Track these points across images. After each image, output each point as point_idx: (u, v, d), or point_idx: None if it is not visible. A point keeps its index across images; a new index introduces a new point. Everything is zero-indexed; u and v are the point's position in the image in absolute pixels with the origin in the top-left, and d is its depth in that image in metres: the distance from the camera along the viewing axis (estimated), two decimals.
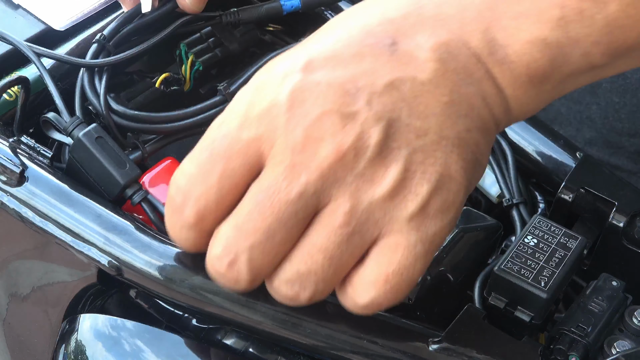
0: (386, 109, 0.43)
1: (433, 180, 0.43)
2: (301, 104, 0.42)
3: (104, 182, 0.55)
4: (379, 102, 0.43)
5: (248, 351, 0.53)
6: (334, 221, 0.43)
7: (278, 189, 0.42)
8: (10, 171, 0.56)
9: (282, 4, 0.68)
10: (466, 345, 0.49)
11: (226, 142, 0.43)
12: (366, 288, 0.44)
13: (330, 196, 0.43)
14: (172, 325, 0.55)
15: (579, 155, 0.67)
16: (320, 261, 0.43)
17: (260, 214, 0.43)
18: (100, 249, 0.53)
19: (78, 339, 0.56)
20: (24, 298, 0.62)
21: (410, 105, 0.43)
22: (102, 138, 0.56)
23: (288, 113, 0.42)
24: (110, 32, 0.63)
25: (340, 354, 0.50)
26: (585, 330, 0.53)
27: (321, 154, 0.42)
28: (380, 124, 0.42)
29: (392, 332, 0.50)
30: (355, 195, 0.42)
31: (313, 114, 0.42)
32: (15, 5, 0.69)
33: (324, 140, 0.42)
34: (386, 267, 0.43)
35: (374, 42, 0.44)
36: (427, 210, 0.43)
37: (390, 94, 0.43)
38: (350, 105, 0.42)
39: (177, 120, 0.61)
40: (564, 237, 0.56)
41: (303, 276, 0.44)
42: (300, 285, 0.44)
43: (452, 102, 0.44)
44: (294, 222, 0.43)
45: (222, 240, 0.44)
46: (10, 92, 0.62)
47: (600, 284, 0.56)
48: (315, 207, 0.43)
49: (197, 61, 0.68)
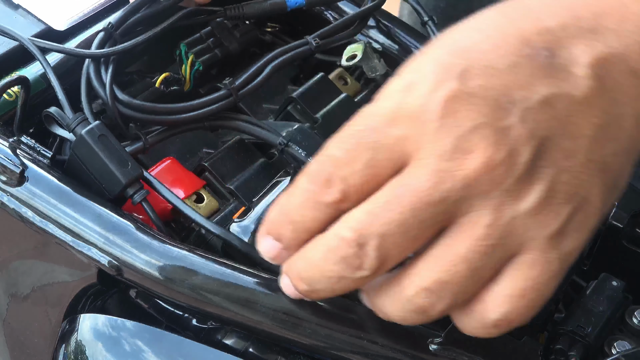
0: (540, 127, 0.42)
1: (574, 202, 0.42)
2: (454, 114, 0.42)
3: (106, 181, 0.55)
4: (533, 120, 0.42)
5: (248, 351, 0.53)
6: (477, 232, 0.42)
7: (420, 188, 0.42)
8: (10, 171, 0.56)
9: (287, 0, 0.68)
10: (466, 345, 0.49)
11: (375, 135, 0.43)
12: (500, 303, 0.43)
13: (471, 207, 0.42)
14: (172, 325, 0.55)
15: None
16: (462, 271, 0.42)
17: (398, 206, 0.42)
18: (100, 249, 0.53)
19: (78, 339, 0.56)
20: (24, 298, 0.62)
21: (563, 125, 0.42)
22: (105, 136, 0.56)
23: (440, 121, 0.42)
24: (117, 20, 0.63)
25: (340, 354, 0.50)
26: (585, 330, 0.53)
27: (469, 166, 0.41)
28: (533, 143, 0.41)
29: (392, 332, 0.50)
30: (499, 209, 0.42)
31: (465, 126, 0.41)
32: (15, 5, 0.69)
33: (474, 153, 0.41)
34: (523, 282, 0.43)
35: (531, 53, 0.43)
36: (566, 230, 0.42)
37: (545, 110, 0.42)
38: (504, 120, 0.41)
39: (181, 112, 0.61)
40: None
41: (443, 285, 0.42)
42: (438, 295, 0.43)
43: (603, 124, 0.43)
44: (429, 224, 0.42)
45: (353, 222, 0.43)
46: (10, 92, 0.62)
47: (600, 284, 0.56)
48: (453, 216, 0.42)
49: (197, 61, 0.68)
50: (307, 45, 0.66)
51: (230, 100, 0.62)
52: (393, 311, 0.45)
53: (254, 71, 0.64)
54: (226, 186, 0.61)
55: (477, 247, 0.42)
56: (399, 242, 0.42)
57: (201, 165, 0.62)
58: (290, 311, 0.50)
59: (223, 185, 0.62)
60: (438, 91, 0.42)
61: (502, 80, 0.42)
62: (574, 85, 0.42)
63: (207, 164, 0.62)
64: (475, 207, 0.42)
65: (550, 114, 0.42)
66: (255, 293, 0.50)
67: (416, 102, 0.42)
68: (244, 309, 0.50)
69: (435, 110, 0.42)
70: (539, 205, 0.42)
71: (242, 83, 0.63)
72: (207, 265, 0.51)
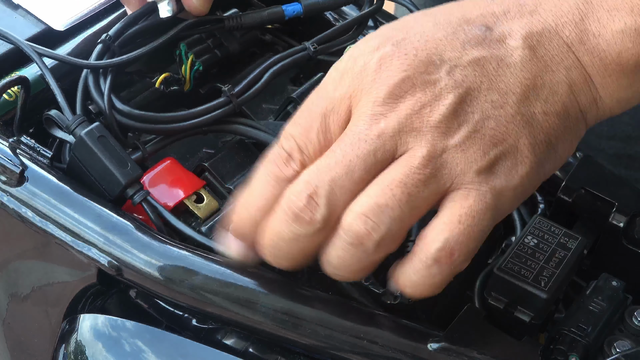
0: (467, 80, 0.47)
1: (502, 147, 0.47)
2: (388, 68, 0.47)
3: (105, 181, 0.55)
4: (460, 74, 0.47)
5: (248, 351, 0.53)
6: (413, 162, 0.46)
7: (358, 131, 0.47)
8: (10, 171, 0.56)
9: (284, 9, 0.69)
10: (466, 345, 0.49)
11: (324, 102, 0.48)
12: (439, 231, 0.46)
13: (408, 144, 0.46)
14: (172, 325, 0.55)
15: (579, 156, 0.67)
16: (398, 195, 0.46)
17: (341, 152, 0.47)
18: (100, 249, 0.53)
19: (78, 339, 0.56)
20: (24, 298, 0.62)
21: (492, 82, 0.47)
22: (105, 137, 0.56)
23: (375, 74, 0.47)
24: (115, 32, 0.63)
25: (340, 354, 0.50)
26: (585, 330, 0.53)
27: (400, 107, 0.46)
28: (458, 91, 0.47)
29: (392, 332, 0.50)
30: (431, 143, 0.46)
31: (397, 77, 0.47)
32: (15, 5, 0.69)
33: (404, 98, 0.47)
34: (459, 210, 0.46)
35: (469, 28, 0.48)
36: (495, 169, 0.47)
37: (474, 68, 0.47)
38: (433, 73, 0.47)
39: (180, 121, 0.61)
40: (564, 237, 0.56)
41: (380, 209, 0.46)
42: (375, 220, 0.46)
43: (534, 85, 0.48)
44: (372, 161, 0.46)
45: (305, 177, 0.47)
46: (10, 92, 0.62)
47: (600, 284, 0.56)
48: (393, 152, 0.46)
49: (197, 61, 0.68)
50: (305, 50, 0.67)
51: (230, 107, 0.62)
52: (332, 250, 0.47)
53: (252, 78, 0.64)
54: (226, 186, 0.61)
55: (413, 174, 0.46)
56: (348, 184, 0.46)
57: (201, 166, 0.62)
58: (290, 311, 0.50)
59: (223, 185, 0.62)
60: (376, 53, 0.48)
61: (436, 45, 0.48)
62: (506, 52, 0.48)
63: (207, 164, 0.62)
64: (410, 143, 0.46)
65: (479, 72, 0.47)
66: (255, 293, 0.50)
67: (358, 65, 0.48)
68: (244, 309, 0.50)
69: (373, 67, 0.48)
70: (466, 141, 0.46)
71: (241, 90, 0.63)
72: (207, 266, 0.51)
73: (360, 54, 0.49)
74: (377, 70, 0.47)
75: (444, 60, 0.47)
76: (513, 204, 0.48)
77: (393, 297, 0.54)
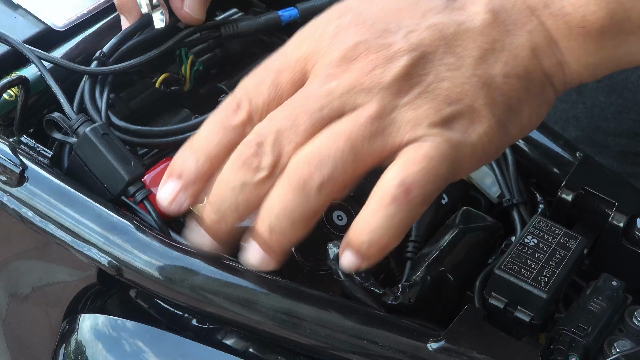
0: (422, 44, 0.48)
1: (458, 106, 0.47)
2: (344, 33, 0.49)
3: (108, 178, 0.55)
4: (416, 38, 0.48)
5: (248, 351, 0.53)
6: (359, 119, 0.47)
7: (309, 90, 0.48)
8: (10, 171, 0.56)
9: (280, 15, 0.69)
10: (466, 345, 0.49)
11: (280, 59, 0.50)
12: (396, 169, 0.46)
13: (357, 103, 0.47)
14: (172, 325, 0.55)
15: (579, 155, 0.67)
16: (341, 146, 0.46)
17: (290, 108, 0.48)
18: (100, 249, 0.53)
19: (78, 339, 0.56)
20: (24, 298, 0.62)
21: (449, 45, 0.48)
22: (108, 135, 0.56)
23: (332, 39, 0.49)
24: (109, 49, 0.63)
25: (340, 354, 0.50)
26: (585, 330, 0.53)
27: (352, 68, 0.48)
28: (412, 54, 0.47)
29: (392, 332, 0.50)
30: (380, 103, 0.47)
31: (352, 40, 0.48)
32: (15, 5, 0.69)
33: (357, 59, 0.48)
34: (414, 154, 0.47)
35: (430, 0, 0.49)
36: (450, 125, 0.47)
37: (431, 33, 0.48)
38: (388, 38, 0.48)
39: (179, 134, 0.61)
40: (564, 237, 0.56)
41: (322, 156, 0.46)
42: (318, 164, 0.46)
43: (493, 49, 0.48)
44: (318, 117, 0.47)
45: (255, 129, 0.49)
46: (10, 92, 0.62)
47: (600, 284, 0.56)
48: (341, 110, 0.47)
49: (197, 61, 0.68)
50: None
51: None
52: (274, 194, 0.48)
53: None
54: None
55: (357, 130, 0.47)
56: (291, 137, 0.47)
57: None
58: (290, 311, 0.50)
59: None
60: (336, 21, 0.50)
61: (396, 14, 0.49)
62: (466, 17, 0.49)
63: None
64: (360, 102, 0.47)
65: (436, 36, 0.48)
66: (255, 293, 0.50)
67: (318, 31, 0.50)
68: (244, 309, 0.50)
69: (330, 33, 0.49)
70: (417, 100, 0.47)
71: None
72: (207, 266, 0.51)
73: (321, 22, 0.50)
74: (334, 36, 0.49)
75: (401, 27, 0.48)
76: (473, 162, 0.48)
77: (394, 297, 0.54)
